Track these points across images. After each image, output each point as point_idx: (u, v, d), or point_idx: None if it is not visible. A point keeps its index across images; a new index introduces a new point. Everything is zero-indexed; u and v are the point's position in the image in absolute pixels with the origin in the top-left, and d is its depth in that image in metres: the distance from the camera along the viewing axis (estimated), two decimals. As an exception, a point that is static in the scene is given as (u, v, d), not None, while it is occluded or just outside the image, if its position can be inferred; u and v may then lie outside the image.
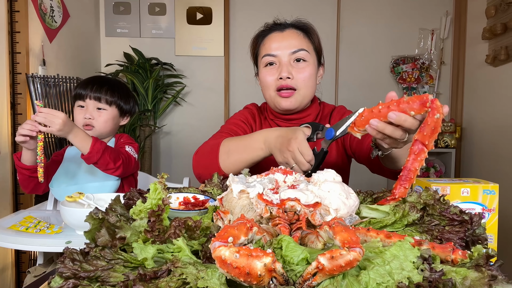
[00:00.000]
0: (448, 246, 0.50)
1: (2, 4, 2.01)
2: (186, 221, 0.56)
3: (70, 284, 0.46)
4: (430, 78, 3.30)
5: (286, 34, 1.24)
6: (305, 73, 1.22)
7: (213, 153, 1.11)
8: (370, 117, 0.75)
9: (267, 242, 0.54)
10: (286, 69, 1.20)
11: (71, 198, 1.17)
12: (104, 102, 1.53)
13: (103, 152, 1.35)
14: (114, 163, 1.39)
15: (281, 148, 0.97)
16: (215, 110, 3.34)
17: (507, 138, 2.57)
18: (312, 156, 0.91)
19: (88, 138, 1.35)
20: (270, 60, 1.24)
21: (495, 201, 0.78)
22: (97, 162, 1.36)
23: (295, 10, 3.26)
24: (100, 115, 1.53)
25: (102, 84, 1.55)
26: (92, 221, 0.56)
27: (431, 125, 0.67)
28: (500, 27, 2.54)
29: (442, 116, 0.67)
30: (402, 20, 3.28)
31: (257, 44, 1.31)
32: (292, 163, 0.93)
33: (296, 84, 1.21)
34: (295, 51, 1.22)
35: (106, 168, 1.40)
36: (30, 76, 2.08)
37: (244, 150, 1.06)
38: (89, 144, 1.33)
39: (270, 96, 1.26)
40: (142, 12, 3.29)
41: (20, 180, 1.43)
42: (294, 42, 1.23)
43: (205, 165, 1.12)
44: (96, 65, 3.23)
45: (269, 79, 1.24)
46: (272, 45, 1.24)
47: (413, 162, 0.70)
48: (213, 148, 1.12)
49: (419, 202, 0.66)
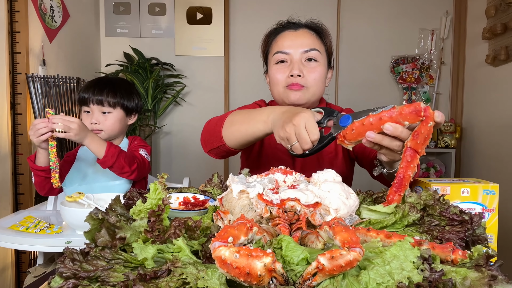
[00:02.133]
0: (448, 246, 0.50)
1: (2, 4, 2.01)
2: (186, 221, 0.56)
3: (70, 284, 0.46)
4: (430, 78, 3.30)
5: (299, 33, 1.25)
6: (316, 73, 1.22)
7: (220, 121, 1.09)
8: (362, 130, 0.73)
9: (267, 242, 0.54)
10: (297, 67, 1.20)
11: (71, 198, 1.18)
12: (107, 105, 1.52)
13: (118, 156, 1.38)
14: (130, 166, 1.41)
15: (284, 121, 0.86)
16: (215, 110, 3.34)
17: (507, 138, 2.57)
18: (318, 135, 0.81)
19: (103, 142, 1.38)
20: (282, 58, 1.23)
21: (495, 201, 0.78)
22: (112, 166, 1.38)
23: (295, 10, 3.26)
24: (106, 119, 1.53)
25: (103, 87, 1.54)
26: (92, 221, 0.56)
27: (424, 133, 0.68)
28: (500, 27, 2.54)
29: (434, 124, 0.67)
30: (402, 20, 3.28)
31: (269, 42, 1.31)
32: (293, 139, 0.83)
33: (306, 83, 1.21)
34: (308, 50, 1.22)
35: (122, 172, 1.41)
36: (30, 76, 2.08)
37: (247, 121, 1.01)
38: (104, 148, 1.36)
39: (278, 92, 1.26)
40: (142, 12, 3.29)
41: (36, 183, 1.43)
42: (307, 41, 1.23)
43: (209, 131, 1.11)
44: (96, 65, 3.23)
45: (279, 76, 1.24)
46: (285, 43, 1.24)
47: (406, 170, 0.69)
48: (223, 116, 1.10)
49: (419, 202, 0.66)
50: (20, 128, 2.11)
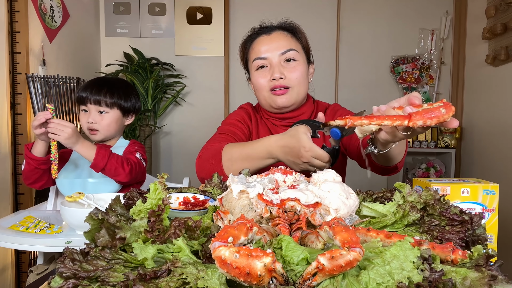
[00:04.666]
0: (448, 246, 0.50)
1: (2, 4, 2.01)
2: (186, 221, 0.56)
3: (70, 284, 0.46)
4: (430, 78, 3.30)
5: (273, 36, 1.25)
6: (297, 72, 1.23)
7: (216, 159, 1.11)
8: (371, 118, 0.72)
9: (267, 242, 0.54)
10: (278, 70, 1.21)
11: (71, 198, 1.18)
12: (104, 105, 1.54)
13: (109, 157, 1.40)
14: (122, 167, 1.42)
15: (294, 161, 0.97)
16: (215, 110, 3.34)
17: (507, 138, 2.57)
18: (328, 156, 0.92)
19: (93, 146, 1.41)
20: (261, 64, 1.24)
21: (495, 201, 0.78)
22: (104, 168, 1.40)
23: (295, 10, 3.27)
24: (103, 119, 1.54)
25: (101, 86, 1.55)
26: (92, 221, 0.56)
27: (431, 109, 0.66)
28: (500, 27, 2.54)
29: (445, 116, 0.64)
30: (402, 20, 3.28)
31: (246, 49, 1.32)
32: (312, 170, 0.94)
33: (289, 83, 1.22)
34: (285, 51, 1.23)
35: (116, 174, 1.43)
36: (30, 76, 2.08)
37: (247, 159, 1.06)
38: (94, 151, 1.39)
39: (264, 97, 1.27)
40: (142, 12, 3.29)
41: (25, 171, 1.45)
42: (282, 43, 1.24)
43: (208, 170, 1.11)
44: (96, 65, 3.23)
45: (261, 81, 1.25)
46: (261, 48, 1.25)
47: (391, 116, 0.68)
48: (216, 153, 1.12)
49: (419, 202, 0.66)
50: (20, 128, 2.11)
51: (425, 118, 0.65)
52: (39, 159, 1.40)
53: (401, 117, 0.67)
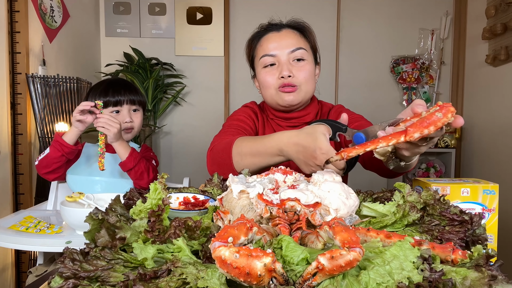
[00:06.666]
0: (448, 246, 0.50)
1: (2, 4, 2.01)
2: (186, 221, 0.56)
3: (70, 284, 0.46)
4: (430, 78, 3.30)
5: (283, 34, 1.24)
6: (306, 71, 1.22)
7: (226, 153, 1.08)
8: None
9: (267, 242, 0.54)
10: (286, 68, 1.20)
11: (71, 198, 1.18)
12: (137, 104, 1.61)
13: (139, 161, 1.48)
14: (148, 173, 1.50)
15: (306, 161, 0.88)
16: (215, 110, 3.34)
17: (507, 138, 2.57)
18: (344, 163, 0.84)
19: (128, 146, 1.50)
20: (270, 61, 1.23)
21: (495, 201, 0.78)
22: (132, 169, 1.46)
23: (295, 10, 3.27)
24: (137, 117, 1.61)
25: (126, 87, 1.60)
26: (92, 221, 0.56)
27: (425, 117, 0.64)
28: (500, 27, 2.54)
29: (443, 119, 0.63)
30: (402, 20, 3.28)
31: (253, 46, 1.30)
32: None
33: (297, 82, 1.21)
34: (294, 50, 1.21)
35: (140, 178, 1.49)
36: (30, 76, 2.08)
37: (256, 155, 1.01)
38: (128, 151, 1.47)
39: (271, 95, 1.25)
40: (142, 12, 3.29)
41: (48, 157, 1.45)
42: (292, 41, 1.22)
43: (219, 163, 1.10)
44: (96, 65, 3.23)
45: (269, 79, 1.23)
46: (270, 45, 1.23)
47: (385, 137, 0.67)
48: (227, 147, 1.09)
49: (419, 202, 0.66)
50: (20, 128, 2.11)
51: (421, 128, 0.64)
52: (69, 146, 1.43)
53: (396, 135, 0.66)
